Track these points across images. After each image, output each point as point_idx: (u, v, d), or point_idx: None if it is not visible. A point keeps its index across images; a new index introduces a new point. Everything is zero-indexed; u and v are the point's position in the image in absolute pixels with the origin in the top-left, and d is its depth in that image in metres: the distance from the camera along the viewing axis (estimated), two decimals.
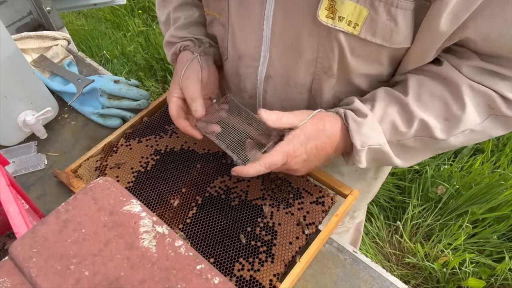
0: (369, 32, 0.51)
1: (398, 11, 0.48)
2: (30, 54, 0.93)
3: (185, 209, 0.64)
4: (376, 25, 0.50)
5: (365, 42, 0.52)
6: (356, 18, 0.50)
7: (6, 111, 0.73)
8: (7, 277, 0.30)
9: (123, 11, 2.75)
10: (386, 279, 0.60)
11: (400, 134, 0.57)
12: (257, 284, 0.56)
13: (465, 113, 0.53)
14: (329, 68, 0.58)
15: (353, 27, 0.50)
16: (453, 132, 0.55)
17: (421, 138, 0.57)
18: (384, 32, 0.50)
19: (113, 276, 0.30)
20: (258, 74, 0.65)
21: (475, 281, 1.38)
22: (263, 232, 0.61)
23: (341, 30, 0.51)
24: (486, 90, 0.52)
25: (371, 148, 0.57)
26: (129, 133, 0.76)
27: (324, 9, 0.50)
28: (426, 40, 0.51)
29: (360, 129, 0.56)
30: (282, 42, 0.58)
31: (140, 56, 2.44)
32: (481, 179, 1.60)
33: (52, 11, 1.05)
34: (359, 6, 0.48)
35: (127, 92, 0.80)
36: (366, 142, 0.56)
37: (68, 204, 0.34)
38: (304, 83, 0.62)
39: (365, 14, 0.49)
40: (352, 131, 0.56)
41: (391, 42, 0.52)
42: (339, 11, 0.49)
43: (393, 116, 0.57)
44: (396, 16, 0.48)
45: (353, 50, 0.54)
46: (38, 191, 0.72)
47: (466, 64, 0.53)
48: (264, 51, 0.61)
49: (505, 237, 1.53)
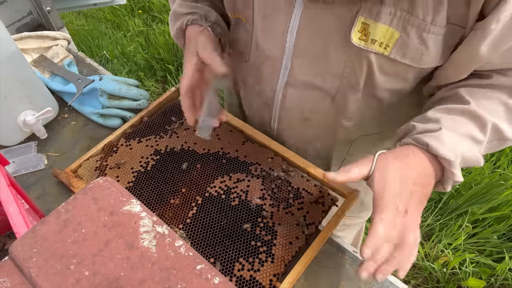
0: (399, 54, 0.52)
1: (430, 36, 0.49)
2: (30, 54, 0.93)
3: (185, 209, 0.64)
4: (407, 48, 0.51)
5: (394, 62, 0.53)
6: (388, 40, 0.50)
7: (6, 111, 0.73)
8: (7, 277, 0.30)
9: (123, 11, 2.75)
10: (386, 279, 0.60)
11: (480, 143, 0.52)
12: (257, 284, 0.56)
13: None
14: (356, 83, 0.58)
15: (384, 48, 0.51)
16: None
17: (490, 143, 0.54)
18: (414, 54, 0.51)
19: (113, 276, 0.30)
20: (279, 80, 0.65)
21: (475, 281, 1.38)
22: (263, 232, 0.61)
23: (373, 51, 0.52)
24: None
25: (465, 157, 0.51)
26: (129, 133, 0.76)
27: (357, 31, 0.51)
28: (462, 63, 0.52)
29: (441, 141, 0.50)
30: (306, 54, 0.58)
31: (140, 56, 2.44)
32: (481, 179, 1.60)
33: (52, 11, 1.05)
34: (391, 29, 0.49)
35: (127, 92, 0.80)
36: (456, 150, 0.50)
37: (68, 204, 0.34)
38: (328, 91, 0.62)
39: (396, 37, 0.50)
40: (434, 147, 0.50)
41: (419, 63, 0.53)
42: (372, 34, 0.50)
43: (466, 127, 0.52)
44: (427, 41, 0.49)
45: (382, 68, 0.55)
46: (38, 191, 0.72)
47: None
48: (286, 60, 0.61)
49: (505, 237, 1.53)
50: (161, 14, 2.69)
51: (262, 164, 0.70)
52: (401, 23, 0.48)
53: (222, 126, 0.76)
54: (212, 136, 0.66)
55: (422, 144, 0.52)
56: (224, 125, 0.77)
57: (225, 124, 0.77)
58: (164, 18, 2.64)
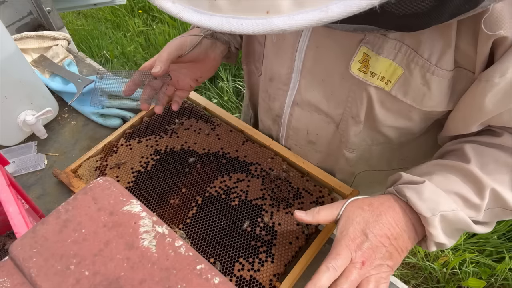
0: (400, 91, 0.50)
1: (434, 78, 0.47)
2: (30, 54, 0.93)
3: (185, 209, 0.64)
4: (409, 86, 0.49)
5: (395, 99, 0.51)
6: (390, 75, 0.49)
7: (6, 111, 0.73)
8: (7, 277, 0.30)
9: (123, 11, 2.75)
10: None
11: (473, 207, 0.48)
12: (257, 284, 0.56)
13: None
14: (356, 114, 0.57)
15: (386, 83, 0.50)
16: None
17: (491, 210, 0.49)
18: (416, 94, 0.49)
19: (113, 276, 0.30)
20: (287, 98, 0.64)
21: (475, 281, 1.38)
22: (263, 232, 0.61)
23: (372, 85, 0.51)
24: None
25: (445, 216, 0.46)
26: (129, 133, 0.76)
27: (357, 61, 0.49)
28: (469, 113, 0.49)
29: (421, 195, 0.47)
30: (312, 76, 0.57)
31: (140, 56, 2.44)
32: None
33: (52, 11, 1.05)
34: (394, 64, 0.47)
35: None
36: (436, 208, 0.46)
37: (68, 204, 0.34)
38: (332, 117, 0.61)
39: (399, 73, 0.48)
40: (413, 201, 0.47)
41: (421, 105, 0.51)
42: (372, 66, 0.49)
43: (458, 187, 0.48)
44: (430, 82, 0.47)
45: (383, 104, 0.53)
46: (38, 191, 0.72)
47: None
48: (294, 78, 0.60)
49: (505, 237, 1.53)
50: (161, 14, 2.68)
51: (262, 164, 0.70)
52: (405, 60, 0.46)
53: (222, 126, 0.76)
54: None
55: (402, 196, 0.49)
56: (224, 125, 0.77)
57: (225, 124, 0.77)
58: (164, 18, 2.64)
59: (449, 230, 0.48)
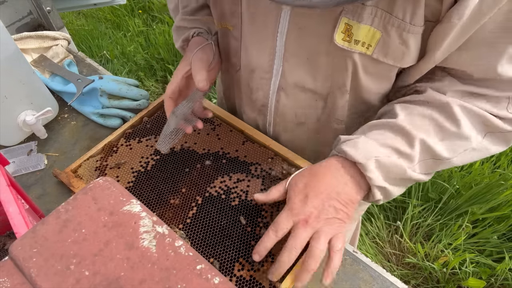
0: (381, 53, 0.52)
1: (410, 36, 0.49)
2: (30, 54, 0.93)
3: (185, 209, 0.64)
4: (388, 47, 0.51)
5: (377, 62, 0.53)
6: (370, 40, 0.51)
7: (6, 111, 0.73)
8: (7, 277, 0.30)
9: (123, 11, 2.75)
10: (386, 279, 0.60)
11: (406, 157, 0.52)
12: (257, 284, 0.56)
13: (461, 130, 0.52)
14: (343, 84, 0.59)
15: (367, 48, 0.52)
16: (455, 151, 0.53)
17: (424, 161, 0.54)
18: (396, 55, 0.52)
19: (113, 276, 0.30)
20: (271, 86, 0.65)
21: (475, 281, 1.38)
22: (263, 232, 0.61)
23: (356, 52, 0.53)
24: (477, 109, 0.52)
25: (380, 161, 0.51)
26: (129, 133, 0.76)
27: (340, 32, 0.51)
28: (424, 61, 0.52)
29: (356, 147, 0.52)
30: (296, 57, 0.59)
31: (140, 56, 2.44)
32: (481, 179, 1.60)
33: (52, 11, 1.05)
34: (372, 29, 0.49)
35: (127, 92, 0.80)
36: (370, 155, 0.51)
37: (68, 204, 0.34)
38: (319, 93, 0.63)
39: (378, 37, 0.50)
40: (349, 153, 0.52)
41: (402, 63, 0.53)
42: (355, 34, 0.51)
43: (391, 140, 0.53)
44: (408, 41, 0.49)
45: (366, 69, 0.56)
46: (38, 191, 0.72)
47: (450, 90, 0.53)
48: (277, 64, 0.61)
49: (505, 237, 1.53)
50: (161, 14, 2.69)
51: (262, 164, 0.70)
52: (382, 23, 0.49)
53: (222, 126, 0.76)
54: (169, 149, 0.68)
55: (341, 153, 0.53)
56: (224, 125, 0.77)
57: (225, 124, 0.77)
58: (164, 18, 2.64)
59: (388, 177, 0.52)
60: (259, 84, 0.67)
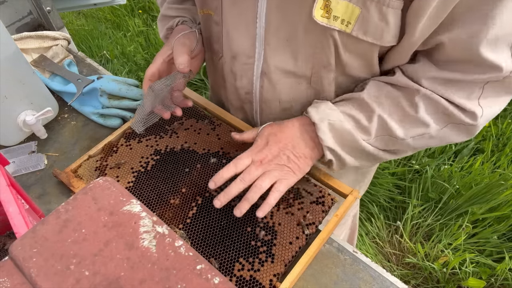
0: (360, 31, 0.51)
1: (389, 10, 0.48)
2: (30, 54, 0.93)
3: (185, 209, 0.64)
4: (368, 24, 0.50)
5: (357, 40, 0.53)
6: (349, 17, 0.50)
7: (6, 111, 0.73)
8: (7, 277, 0.30)
9: (123, 11, 2.75)
10: (386, 279, 0.60)
11: (363, 129, 0.58)
12: (257, 284, 0.56)
13: (419, 115, 0.55)
14: (328, 63, 0.58)
15: (346, 25, 0.51)
16: (410, 132, 0.57)
17: (381, 137, 0.58)
18: (375, 32, 0.51)
19: (113, 276, 0.30)
20: (254, 71, 0.65)
21: (475, 281, 1.38)
22: (263, 232, 0.61)
23: (335, 29, 0.52)
24: (439, 99, 0.54)
25: (333, 124, 0.57)
26: (129, 133, 0.76)
27: (319, 8, 0.51)
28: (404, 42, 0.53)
29: (318, 108, 0.59)
30: (276, 39, 0.58)
31: (140, 56, 2.44)
32: (481, 179, 1.60)
33: (52, 11, 1.05)
34: (351, 5, 0.49)
35: (127, 92, 0.80)
36: (325, 117, 0.57)
37: (68, 204, 0.34)
38: (303, 75, 0.62)
39: (357, 13, 0.49)
40: (310, 112, 0.59)
41: (381, 41, 0.52)
42: (334, 10, 0.50)
43: (353, 111, 0.58)
44: (388, 16, 0.49)
45: (346, 47, 0.55)
46: (38, 191, 0.72)
47: (425, 77, 0.55)
48: (258, 48, 0.61)
49: (505, 237, 1.53)
50: None
51: None
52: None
53: (222, 126, 0.76)
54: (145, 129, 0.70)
55: (306, 113, 0.61)
56: (224, 125, 0.77)
57: (225, 124, 0.77)
58: None
59: (341, 142, 0.59)
60: (243, 71, 0.67)
